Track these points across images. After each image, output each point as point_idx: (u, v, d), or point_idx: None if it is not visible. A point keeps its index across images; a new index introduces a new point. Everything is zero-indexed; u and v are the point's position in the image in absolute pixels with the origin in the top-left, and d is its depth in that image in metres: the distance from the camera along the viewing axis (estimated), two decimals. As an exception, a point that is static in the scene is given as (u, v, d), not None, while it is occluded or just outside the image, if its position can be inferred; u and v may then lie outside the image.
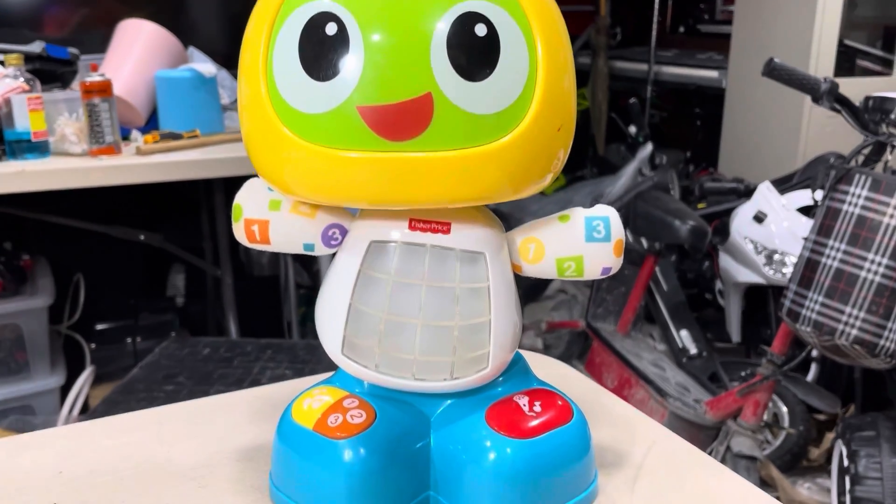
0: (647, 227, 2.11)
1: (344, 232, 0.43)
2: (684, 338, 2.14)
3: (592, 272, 0.43)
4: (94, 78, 1.51)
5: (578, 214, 0.43)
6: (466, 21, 0.36)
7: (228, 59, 2.34)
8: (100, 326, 2.30)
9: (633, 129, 2.79)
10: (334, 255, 0.44)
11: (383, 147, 0.36)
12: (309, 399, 0.44)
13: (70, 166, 1.50)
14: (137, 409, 1.32)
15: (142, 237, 1.95)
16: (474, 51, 0.36)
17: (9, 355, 1.90)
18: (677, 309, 2.21)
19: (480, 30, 0.36)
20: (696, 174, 3.11)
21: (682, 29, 4.00)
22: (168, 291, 2.52)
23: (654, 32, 3.44)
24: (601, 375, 2.16)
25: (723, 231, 2.15)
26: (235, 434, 0.52)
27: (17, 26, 2.24)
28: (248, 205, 0.43)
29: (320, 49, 0.36)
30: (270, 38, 0.38)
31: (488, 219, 0.43)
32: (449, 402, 0.45)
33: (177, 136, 1.63)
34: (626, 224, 2.32)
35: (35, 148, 1.52)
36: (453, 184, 0.37)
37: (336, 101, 0.36)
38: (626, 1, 3.76)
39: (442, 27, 0.35)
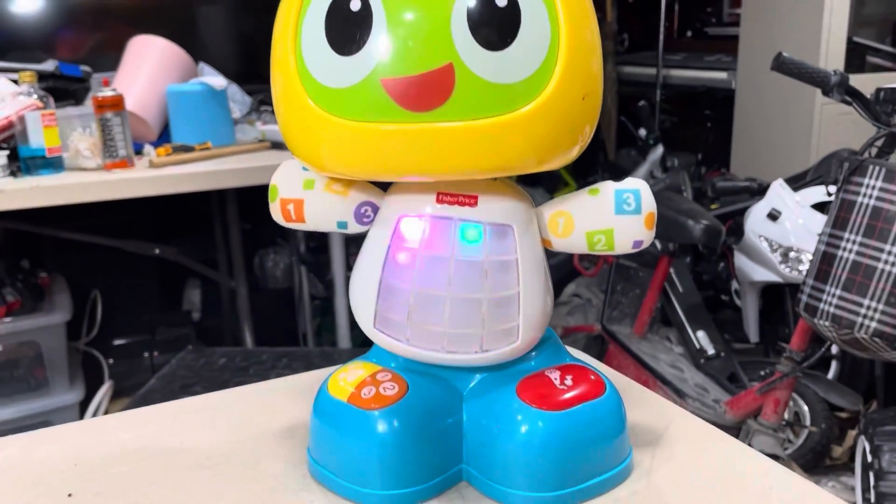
0: (660, 228, 2.07)
1: (376, 209, 0.44)
2: (701, 339, 2.12)
3: (623, 246, 0.43)
4: (106, 93, 1.52)
5: (608, 187, 0.43)
6: None
7: (239, 75, 2.36)
8: (117, 342, 2.31)
9: (643, 132, 2.79)
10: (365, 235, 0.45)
11: (408, 118, 0.37)
12: (344, 374, 0.45)
13: (84, 181, 1.51)
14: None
15: (157, 251, 1.96)
16: (495, 21, 0.36)
17: (28, 372, 1.91)
18: (693, 310, 2.20)
19: (501, 0, 0.36)
20: (708, 175, 3.09)
21: (689, 33, 4.00)
22: (184, 306, 2.53)
23: (661, 37, 3.44)
24: (618, 378, 2.14)
25: (737, 231, 2.14)
26: (248, 425, 0.52)
27: (30, 49, 2.28)
28: (284, 185, 0.44)
29: (345, 25, 0.37)
30: (298, 20, 0.39)
31: (516, 192, 0.43)
32: (481, 376, 0.45)
33: (189, 149, 1.64)
34: (638, 226, 2.31)
35: (49, 164, 1.54)
36: (478, 153, 0.38)
37: (361, 74, 0.37)
38: (633, 7, 3.76)
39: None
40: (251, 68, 2.62)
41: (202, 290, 2.53)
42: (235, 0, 2.58)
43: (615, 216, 0.42)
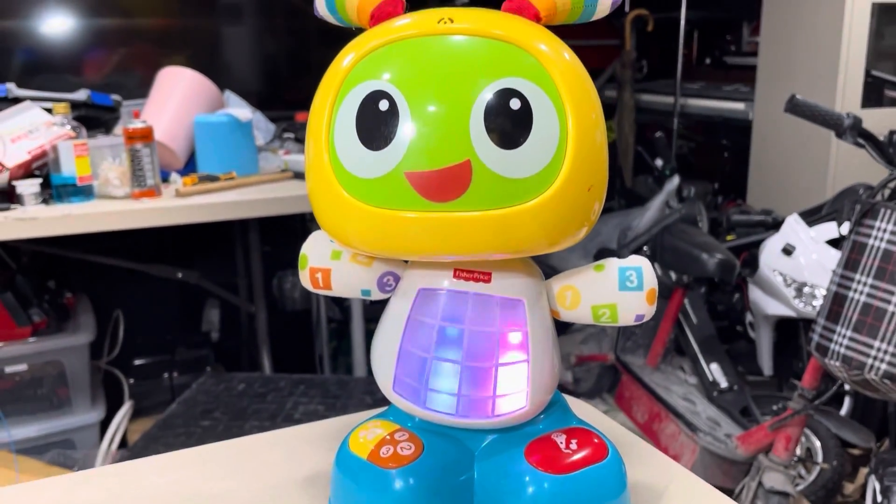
0: (675, 261, 2.12)
1: (397, 278, 0.48)
2: (715, 371, 2.13)
3: (626, 319, 0.46)
4: (137, 125, 1.58)
5: (612, 264, 0.47)
6: (502, 96, 0.40)
7: (262, 99, 2.42)
8: (138, 361, 2.35)
9: (659, 163, 2.81)
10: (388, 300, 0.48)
11: (429, 207, 0.40)
12: (364, 431, 0.48)
13: (113, 209, 1.56)
14: (176, 443, 1.36)
15: (179, 275, 2.01)
16: (509, 123, 0.40)
17: (51, 391, 1.95)
18: (707, 342, 2.21)
19: (515, 104, 0.40)
20: (725, 206, 3.11)
21: (708, 61, 4.02)
22: (203, 326, 2.58)
23: (679, 65, 3.47)
24: (631, 409, 2.16)
25: (752, 263, 2.16)
26: (273, 473, 0.56)
27: (60, 71, 2.35)
28: (313, 255, 0.48)
29: (374, 123, 0.41)
30: (332, 112, 0.42)
31: (528, 268, 0.46)
32: (492, 437, 0.48)
33: (214, 179, 1.69)
34: (653, 257, 2.34)
35: (80, 191, 1.59)
36: (492, 239, 0.41)
37: (387, 167, 0.40)
38: (652, 34, 3.80)
39: (480, 102, 0.40)
40: (275, 94, 2.68)
41: (221, 310, 2.58)
42: (260, 25, 2.64)
43: (619, 292, 0.46)
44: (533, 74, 0.40)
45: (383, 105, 0.40)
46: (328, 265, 0.48)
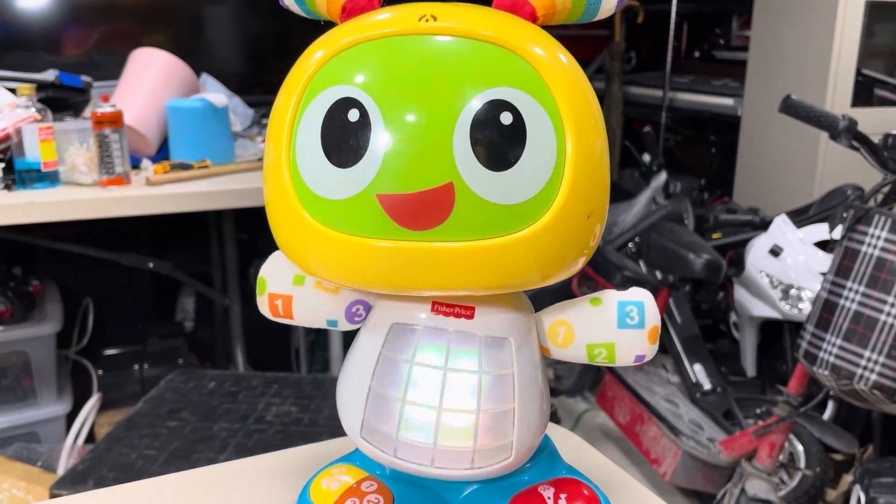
0: (661, 260, 2.08)
1: (368, 307, 0.42)
2: (698, 372, 2.10)
3: (625, 359, 0.41)
4: (105, 109, 1.50)
5: (611, 298, 0.41)
6: (492, 109, 0.34)
7: (242, 83, 2.34)
8: (108, 352, 2.28)
9: (646, 158, 2.78)
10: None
11: (405, 236, 0.35)
12: (328, 479, 0.43)
13: (79, 197, 1.49)
14: (141, 444, 1.30)
15: (151, 265, 1.94)
16: (498, 140, 0.34)
17: (15, 382, 1.89)
18: (691, 342, 2.18)
19: (506, 118, 0.34)
20: (711, 203, 3.08)
21: (697, 54, 3.99)
22: (177, 315, 2.51)
23: (668, 58, 3.42)
24: (613, 410, 2.12)
25: (738, 262, 2.13)
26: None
27: (32, 49, 2.26)
28: (272, 279, 0.42)
29: (342, 135, 0.35)
30: (295, 119, 0.36)
31: (516, 302, 0.41)
32: (472, 488, 0.43)
33: (187, 167, 1.62)
34: (639, 255, 2.30)
35: (45, 178, 1.52)
36: (476, 273, 0.36)
37: (356, 188, 0.35)
38: (642, 26, 3.75)
39: (466, 116, 0.34)
40: (255, 77, 2.59)
41: (196, 299, 2.51)
42: (241, 2, 2.55)
43: (617, 330, 0.41)
44: (528, 84, 0.35)
45: (353, 115, 0.35)
46: (289, 291, 0.42)
